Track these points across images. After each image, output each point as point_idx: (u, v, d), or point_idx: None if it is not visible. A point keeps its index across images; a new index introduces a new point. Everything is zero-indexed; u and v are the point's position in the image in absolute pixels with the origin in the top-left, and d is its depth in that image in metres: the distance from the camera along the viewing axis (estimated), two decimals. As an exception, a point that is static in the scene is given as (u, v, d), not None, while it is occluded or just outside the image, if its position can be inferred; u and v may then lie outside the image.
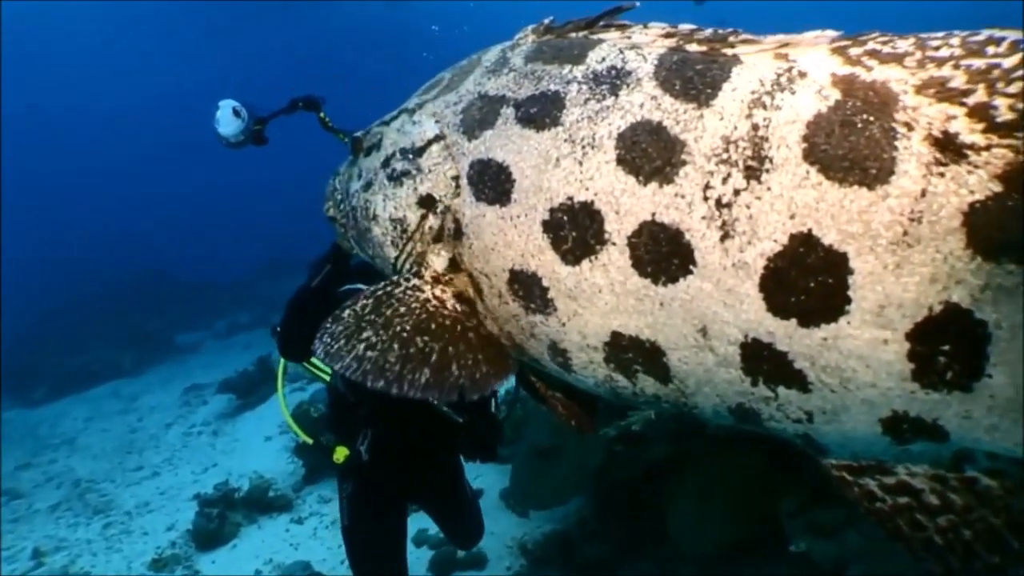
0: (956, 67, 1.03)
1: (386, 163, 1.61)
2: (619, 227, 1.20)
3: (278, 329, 2.47)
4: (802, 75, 1.15)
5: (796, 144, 1.09)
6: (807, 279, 1.07)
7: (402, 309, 1.44)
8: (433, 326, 1.42)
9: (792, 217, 1.07)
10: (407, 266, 1.54)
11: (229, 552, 5.26)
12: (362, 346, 1.40)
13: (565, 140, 1.28)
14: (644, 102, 1.23)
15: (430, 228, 1.48)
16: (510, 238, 1.32)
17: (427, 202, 1.48)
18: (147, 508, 6.18)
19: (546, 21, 1.56)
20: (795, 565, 3.36)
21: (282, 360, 2.82)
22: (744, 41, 1.25)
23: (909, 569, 2.96)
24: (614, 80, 1.29)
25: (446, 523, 3.18)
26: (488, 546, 4.78)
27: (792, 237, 1.07)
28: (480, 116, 1.43)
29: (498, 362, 1.42)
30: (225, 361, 11.51)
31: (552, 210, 1.27)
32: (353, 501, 2.76)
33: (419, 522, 5.16)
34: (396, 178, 1.56)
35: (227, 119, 2.74)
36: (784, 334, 1.11)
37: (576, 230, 1.24)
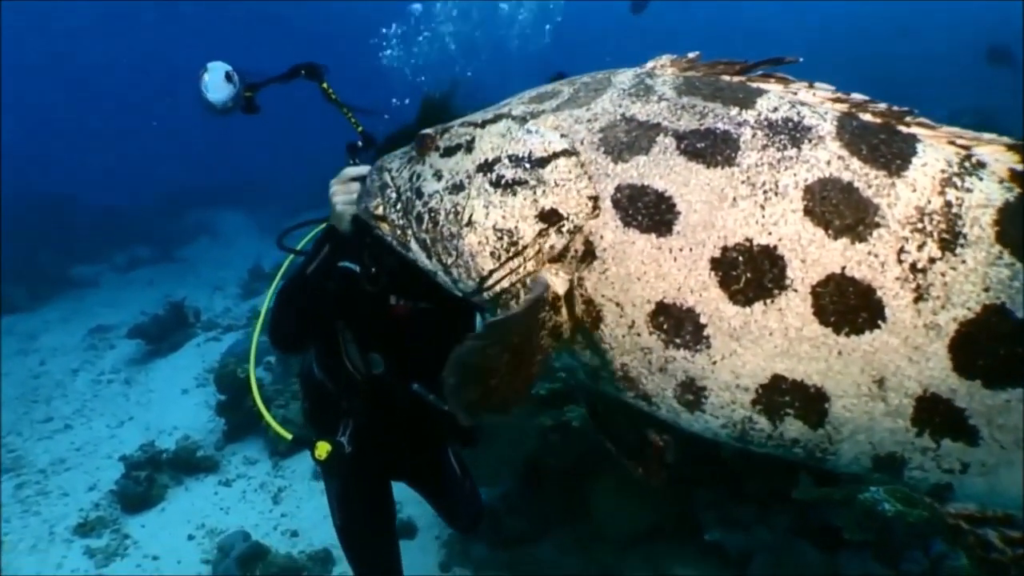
0: None
1: (486, 167, 1.51)
2: (804, 275, 1.23)
3: (270, 317, 2.33)
4: (981, 164, 1.26)
5: (989, 226, 1.19)
6: (997, 346, 1.17)
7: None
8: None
9: (987, 290, 1.17)
10: (506, 280, 1.48)
11: (158, 516, 5.15)
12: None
13: (743, 182, 1.29)
14: (831, 160, 1.27)
15: (550, 247, 1.43)
16: (665, 270, 1.31)
17: (549, 217, 1.41)
18: (63, 466, 5.89)
19: (691, 55, 1.54)
20: (707, 552, 3.74)
21: (252, 368, 2.65)
22: (919, 124, 1.32)
23: (807, 559, 3.43)
24: (793, 132, 1.31)
25: (439, 504, 3.14)
26: (416, 515, 4.97)
27: (985, 307, 1.17)
28: (629, 140, 1.39)
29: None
30: (128, 298, 10.96)
31: (725, 248, 1.27)
32: (342, 499, 2.72)
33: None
34: (506, 186, 1.47)
35: (217, 84, 2.46)
36: (966, 392, 1.19)
37: (752, 272, 1.26)
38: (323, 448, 2.46)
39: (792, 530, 3.44)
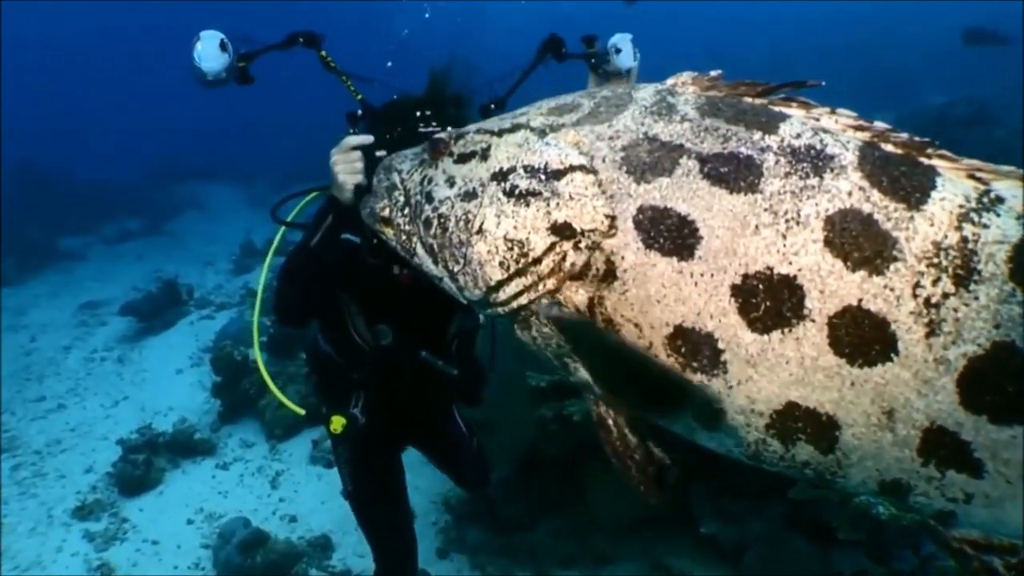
0: None
1: (500, 176, 1.49)
2: (821, 306, 1.24)
3: (275, 292, 2.33)
4: (1000, 200, 1.26)
5: (1003, 263, 1.20)
6: (1005, 383, 1.18)
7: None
8: None
9: (997, 327, 1.18)
10: (524, 297, 1.47)
11: (156, 499, 5.15)
12: None
13: (765, 209, 1.29)
14: (852, 191, 1.27)
15: (571, 264, 1.42)
16: (686, 294, 1.31)
17: (562, 230, 1.40)
18: (59, 447, 5.85)
19: (713, 73, 1.52)
20: (702, 544, 3.83)
21: (257, 346, 2.64)
22: (940, 156, 1.32)
23: (800, 552, 3.51)
24: (815, 160, 1.31)
25: (446, 465, 3.17)
26: (415, 501, 4.99)
27: (995, 344, 1.18)
28: (651, 160, 1.38)
29: None
30: (117, 272, 10.86)
31: (746, 276, 1.27)
32: (353, 465, 2.72)
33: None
34: (519, 196, 1.45)
35: (211, 53, 2.28)
36: (973, 427, 1.20)
37: (772, 300, 1.26)
38: (338, 422, 2.49)
39: (785, 524, 3.51)
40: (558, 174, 1.43)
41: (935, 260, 1.22)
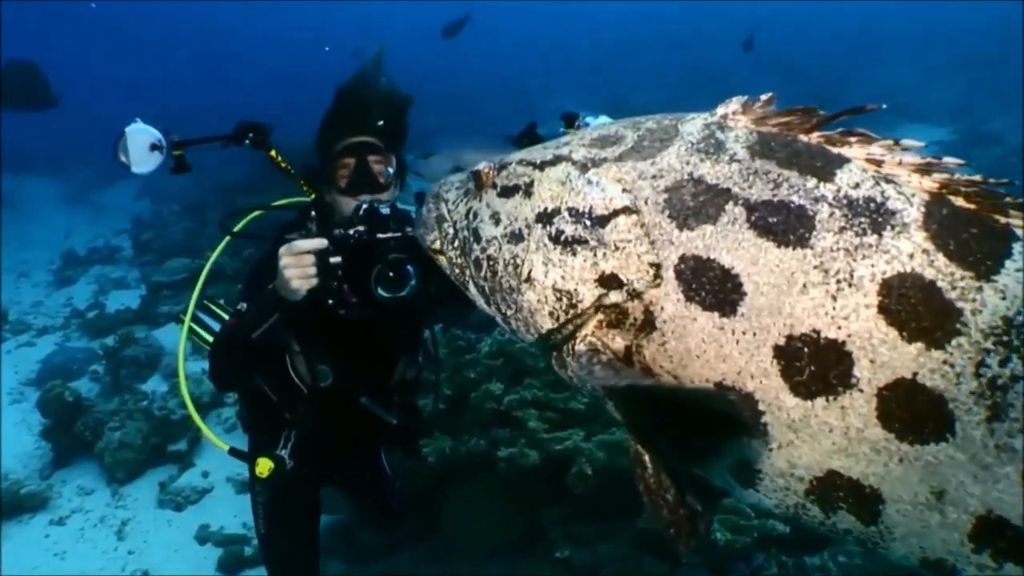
0: None
1: (546, 219, 1.44)
2: (871, 376, 1.15)
3: (211, 361, 2.32)
4: None
5: None
6: None
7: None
8: None
9: None
10: (565, 337, 1.44)
11: (-24, 575, 4.64)
12: None
13: (815, 267, 1.19)
14: (914, 253, 1.16)
15: (615, 313, 1.36)
16: (727, 351, 1.24)
17: (610, 282, 1.35)
18: None
19: (763, 97, 1.40)
20: (558, 568, 3.97)
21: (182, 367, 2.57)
22: (1019, 206, 1.18)
23: (650, 571, 3.72)
24: (875, 216, 1.20)
25: (366, 505, 3.12)
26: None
27: None
28: (696, 204, 1.29)
29: None
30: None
31: (790, 337, 1.20)
32: (270, 509, 2.62)
33: (201, 518, 5.10)
34: (565, 243, 1.39)
35: (141, 156, 2.03)
36: None
37: (816, 366, 1.18)
38: (265, 465, 2.40)
39: (634, 546, 3.77)
40: (603, 220, 1.36)
41: (1004, 338, 1.11)
